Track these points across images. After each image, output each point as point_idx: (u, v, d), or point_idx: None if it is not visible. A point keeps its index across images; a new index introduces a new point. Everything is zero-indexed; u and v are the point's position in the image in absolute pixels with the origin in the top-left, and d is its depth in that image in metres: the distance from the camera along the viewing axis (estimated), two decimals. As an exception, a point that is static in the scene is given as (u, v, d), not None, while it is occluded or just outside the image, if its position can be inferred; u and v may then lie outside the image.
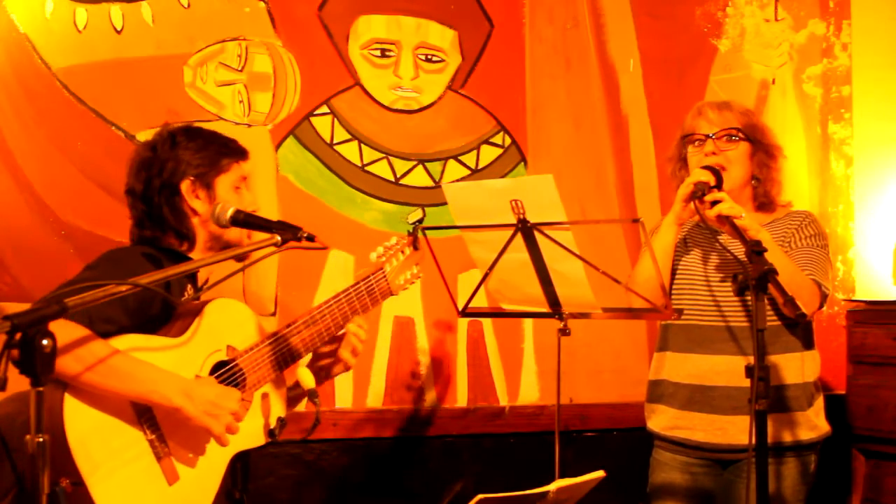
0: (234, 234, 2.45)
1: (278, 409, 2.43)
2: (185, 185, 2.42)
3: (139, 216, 2.46)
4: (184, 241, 2.44)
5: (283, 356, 2.42)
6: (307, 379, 2.44)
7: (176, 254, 2.43)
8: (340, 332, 2.54)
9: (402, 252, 2.66)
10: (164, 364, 2.19)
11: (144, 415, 2.18)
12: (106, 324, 2.16)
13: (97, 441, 2.10)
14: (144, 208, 2.44)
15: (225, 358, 2.33)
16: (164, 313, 2.32)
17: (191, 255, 2.45)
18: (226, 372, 2.32)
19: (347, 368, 2.58)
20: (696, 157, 2.91)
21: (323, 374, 2.59)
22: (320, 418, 2.43)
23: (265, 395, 2.40)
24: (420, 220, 2.71)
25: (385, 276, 2.59)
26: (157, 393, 2.15)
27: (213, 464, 2.29)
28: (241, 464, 2.39)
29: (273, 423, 2.40)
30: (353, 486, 3.60)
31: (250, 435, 2.36)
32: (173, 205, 2.42)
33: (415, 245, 2.68)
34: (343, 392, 3.60)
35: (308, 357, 2.54)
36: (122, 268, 2.24)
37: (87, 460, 2.07)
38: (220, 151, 2.48)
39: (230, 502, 2.38)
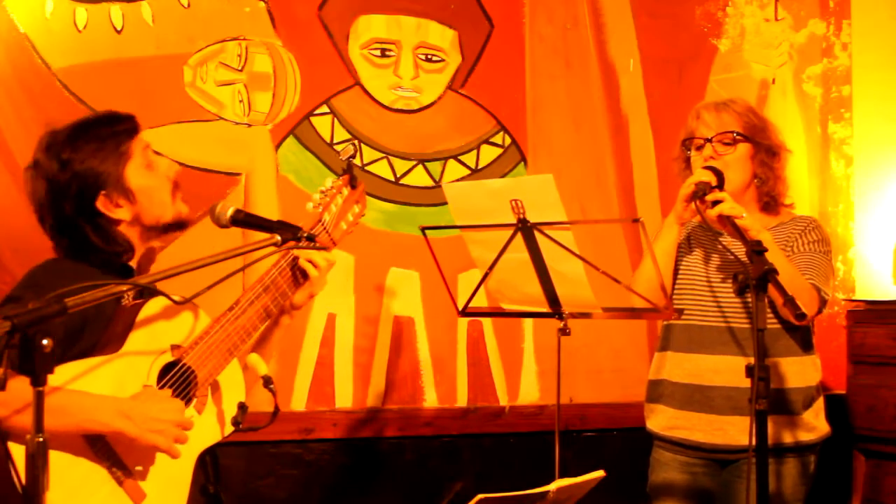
0: (170, 213, 2.28)
1: (237, 395, 2.28)
2: (101, 202, 2.23)
3: (64, 248, 2.27)
4: (121, 255, 2.26)
5: (234, 340, 2.25)
6: (259, 365, 2.29)
7: (117, 266, 2.27)
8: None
9: (340, 194, 2.48)
10: (107, 383, 2.08)
11: (97, 443, 2.08)
12: None
13: (54, 484, 1.93)
14: (68, 241, 2.25)
15: (171, 359, 2.19)
16: (94, 337, 2.15)
17: (131, 263, 2.31)
18: (175, 374, 2.18)
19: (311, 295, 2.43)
20: (697, 162, 2.91)
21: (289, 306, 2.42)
22: (279, 408, 2.27)
23: (216, 385, 2.26)
24: (353, 155, 2.56)
25: (325, 228, 2.44)
26: (94, 421, 2.04)
27: (179, 470, 2.19)
28: (210, 457, 2.30)
29: (234, 411, 2.26)
30: (353, 486, 3.60)
31: (209, 430, 2.24)
32: (98, 228, 2.24)
33: (352, 184, 2.51)
34: (343, 392, 3.60)
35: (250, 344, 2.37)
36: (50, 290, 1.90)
37: None
38: (115, 142, 2.25)
39: (205, 496, 2.29)
